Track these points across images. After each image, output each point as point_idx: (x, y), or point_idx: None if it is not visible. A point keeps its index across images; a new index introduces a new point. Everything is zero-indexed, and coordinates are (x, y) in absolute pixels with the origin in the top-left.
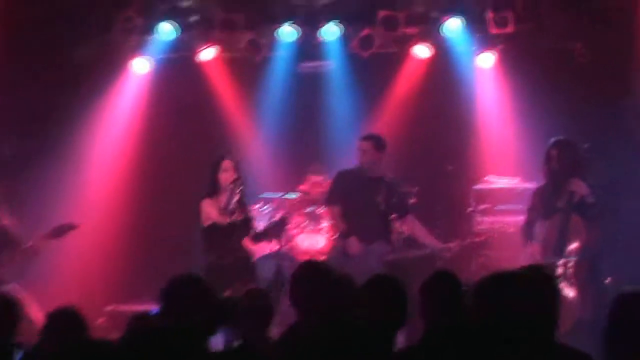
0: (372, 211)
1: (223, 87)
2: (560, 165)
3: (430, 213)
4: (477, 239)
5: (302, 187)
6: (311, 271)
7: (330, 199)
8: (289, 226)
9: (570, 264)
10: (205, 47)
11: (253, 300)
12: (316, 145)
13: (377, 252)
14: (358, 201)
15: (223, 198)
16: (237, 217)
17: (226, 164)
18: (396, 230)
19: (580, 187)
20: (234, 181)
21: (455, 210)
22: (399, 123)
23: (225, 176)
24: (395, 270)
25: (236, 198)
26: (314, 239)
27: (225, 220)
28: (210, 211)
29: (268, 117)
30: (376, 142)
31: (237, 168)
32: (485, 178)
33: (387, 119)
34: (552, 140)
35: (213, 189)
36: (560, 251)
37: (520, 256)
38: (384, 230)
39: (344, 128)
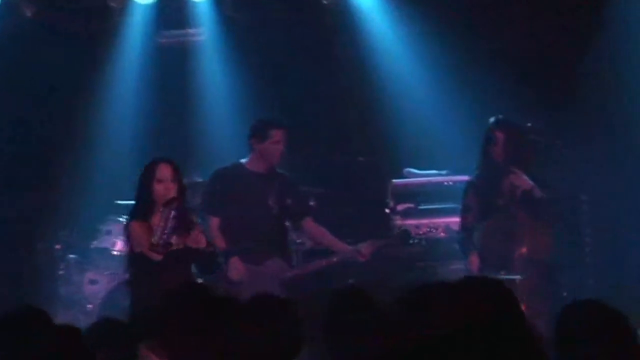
0: (263, 219)
1: (59, 65)
2: (506, 153)
3: (336, 218)
4: (395, 234)
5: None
6: (182, 297)
7: (207, 207)
8: None
9: (516, 278)
10: (33, 13)
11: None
12: (186, 137)
13: (271, 271)
14: (244, 207)
15: (157, 220)
16: (177, 246)
17: (163, 170)
18: (294, 241)
19: (521, 180)
20: (168, 203)
21: (368, 212)
22: (293, 105)
23: (160, 189)
24: (296, 290)
25: (171, 224)
26: None
27: (157, 255)
28: (141, 236)
29: (120, 102)
30: (289, 131)
31: (177, 177)
32: (405, 171)
33: (277, 101)
34: (495, 119)
35: (143, 208)
36: (503, 262)
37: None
38: (279, 242)
39: (222, 114)
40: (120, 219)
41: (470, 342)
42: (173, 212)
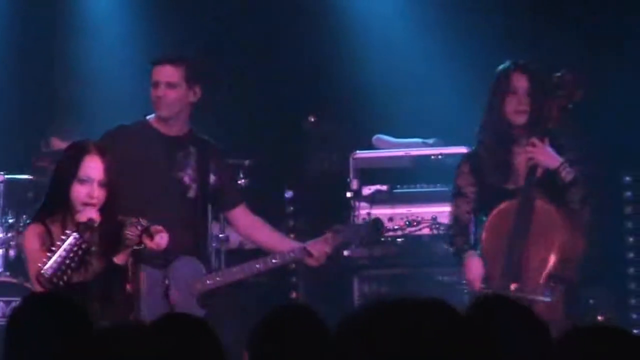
0: (173, 202)
1: None
2: (527, 111)
3: (275, 205)
4: (359, 225)
5: (38, 161)
6: (37, 313)
7: None
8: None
9: (536, 298)
10: None
11: None
12: (64, 91)
13: (181, 279)
14: (147, 183)
15: (60, 238)
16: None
17: (90, 164)
18: (214, 235)
19: (543, 154)
20: (82, 227)
21: (321, 197)
22: (210, 45)
23: (81, 193)
24: (216, 307)
25: (75, 256)
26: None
27: (39, 287)
28: (32, 250)
29: None
30: (191, 70)
31: (109, 177)
32: (374, 139)
33: (202, 44)
34: (513, 62)
35: (50, 208)
36: (511, 273)
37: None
38: (194, 237)
39: (120, 59)
40: None
41: None
42: (83, 244)
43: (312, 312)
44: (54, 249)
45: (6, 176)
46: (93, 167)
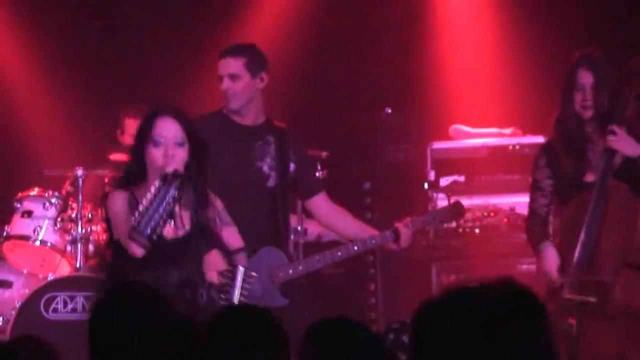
0: (253, 190)
1: None
2: (596, 107)
3: (352, 196)
4: (441, 208)
5: (114, 155)
6: (119, 304)
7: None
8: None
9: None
10: None
11: None
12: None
13: (265, 266)
14: (226, 173)
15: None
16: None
17: (163, 127)
18: (294, 228)
19: (624, 141)
20: (168, 178)
21: (399, 189)
22: (285, 39)
23: (158, 156)
24: (295, 298)
25: (165, 209)
26: None
27: (136, 248)
28: (120, 215)
29: None
30: (252, 59)
31: (185, 137)
32: (452, 129)
33: (261, 32)
34: (580, 55)
35: (130, 176)
36: (588, 264)
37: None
38: (275, 226)
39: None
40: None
41: None
42: (172, 192)
43: (360, 324)
44: (146, 199)
45: (84, 171)
46: (166, 127)
